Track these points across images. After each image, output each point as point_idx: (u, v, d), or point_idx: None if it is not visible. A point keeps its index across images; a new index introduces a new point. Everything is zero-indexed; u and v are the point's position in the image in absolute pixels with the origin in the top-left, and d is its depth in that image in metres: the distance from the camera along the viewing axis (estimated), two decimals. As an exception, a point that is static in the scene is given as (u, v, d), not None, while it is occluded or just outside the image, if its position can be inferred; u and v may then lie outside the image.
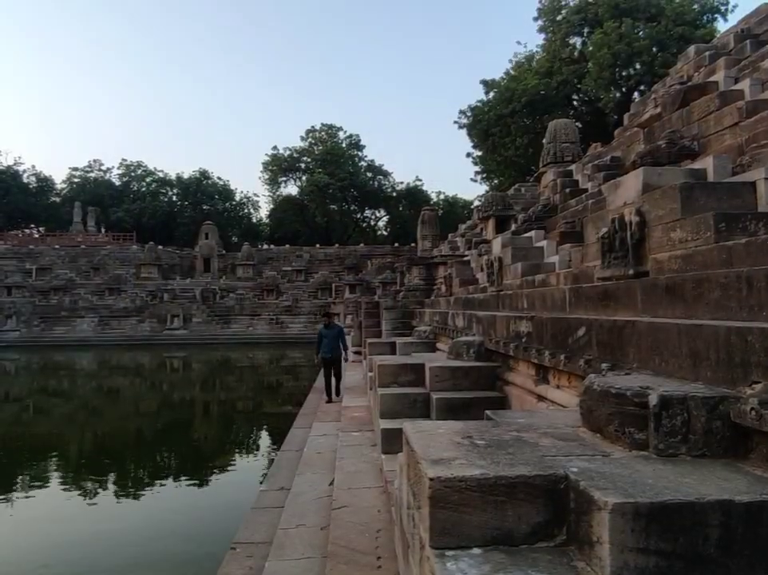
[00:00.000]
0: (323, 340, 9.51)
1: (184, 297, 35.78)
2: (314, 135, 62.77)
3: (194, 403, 15.84)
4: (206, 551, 5.62)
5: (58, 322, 33.81)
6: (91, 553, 5.53)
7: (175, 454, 10.38)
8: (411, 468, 2.60)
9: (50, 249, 41.75)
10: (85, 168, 68.29)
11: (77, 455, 10.40)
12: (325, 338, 9.52)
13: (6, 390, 18.06)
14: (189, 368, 23.96)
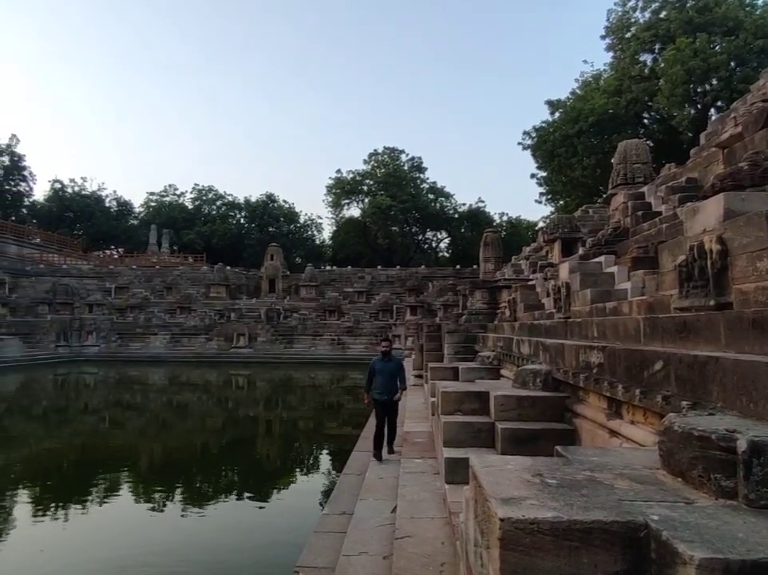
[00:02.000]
0: (376, 376, 7.38)
1: (250, 317, 36.89)
2: (376, 158, 63.84)
3: (257, 421, 16.19)
4: (267, 572, 5.68)
5: (134, 338, 35.64)
6: (152, 568, 5.70)
7: (238, 470, 10.61)
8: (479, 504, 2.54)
9: (128, 269, 44.24)
10: (160, 192, 72.38)
11: (146, 468, 10.82)
12: (379, 373, 7.36)
13: (86, 403, 19.14)
14: (253, 386, 24.58)
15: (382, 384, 7.29)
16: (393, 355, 7.66)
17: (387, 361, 7.44)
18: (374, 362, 7.58)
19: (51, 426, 14.84)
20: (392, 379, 7.38)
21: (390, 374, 7.36)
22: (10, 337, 30.65)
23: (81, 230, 65.59)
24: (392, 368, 7.43)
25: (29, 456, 11.62)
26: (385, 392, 7.28)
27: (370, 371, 7.47)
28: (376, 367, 7.41)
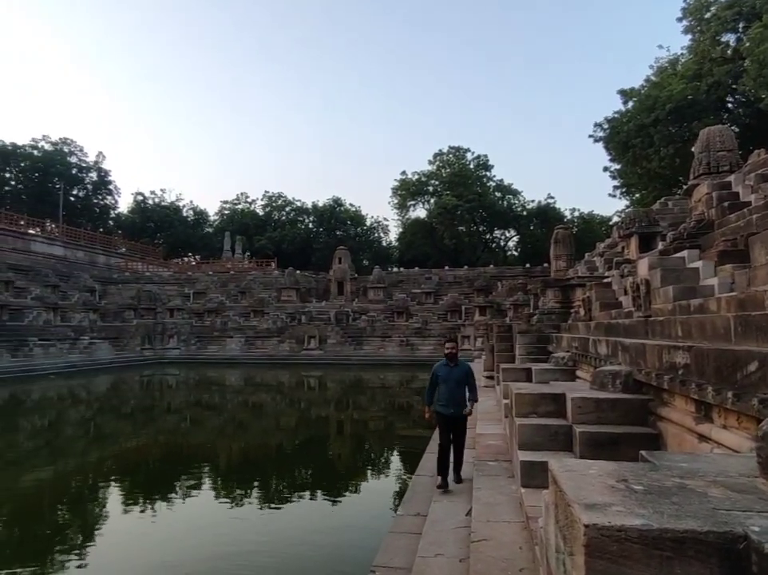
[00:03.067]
0: (440, 385, 6.19)
1: (320, 319, 37.68)
2: (441, 158, 63.53)
3: (329, 421, 16.50)
4: (344, 570, 5.78)
5: (211, 341, 37.28)
6: (229, 563, 5.92)
7: (311, 469, 10.85)
8: (560, 509, 2.48)
9: (205, 275, 46.33)
10: (233, 200, 75.43)
11: (224, 466, 11.27)
12: (444, 382, 6.15)
13: (169, 402, 20.22)
14: (325, 387, 25.08)
15: (446, 394, 6.08)
16: (459, 360, 6.38)
17: (453, 366, 6.18)
18: (436, 367, 6.32)
19: (138, 424, 15.77)
20: (459, 389, 6.15)
21: (457, 382, 6.12)
22: (101, 341, 32.87)
23: (161, 239, 69.39)
24: (459, 375, 6.17)
25: (119, 452, 12.41)
26: (451, 404, 6.06)
27: (432, 379, 6.25)
28: (439, 374, 6.19)
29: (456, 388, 6.12)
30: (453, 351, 6.25)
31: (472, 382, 6.38)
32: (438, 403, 6.17)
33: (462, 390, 6.20)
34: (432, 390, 6.29)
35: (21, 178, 58.79)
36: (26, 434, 14.09)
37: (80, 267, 45.17)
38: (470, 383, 6.35)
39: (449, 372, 6.16)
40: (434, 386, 6.24)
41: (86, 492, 9.47)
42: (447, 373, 6.16)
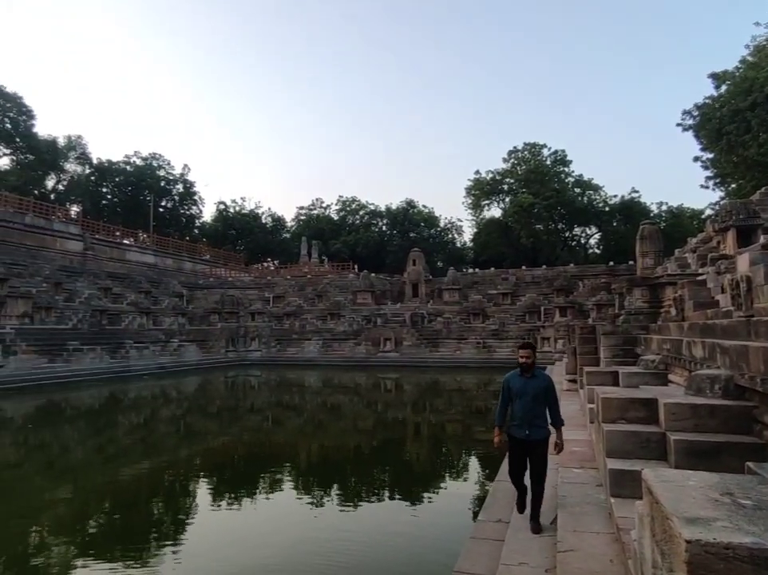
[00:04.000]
0: (513, 401, 5.01)
1: (395, 321, 37.87)
2: (516, 155, 62.13)
3: (406, 423, 16.52)
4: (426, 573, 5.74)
5: (290, 343, 38.42)
6: (310, 562, 6.03)
7: (389, 471, 10.88)
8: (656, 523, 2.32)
9: (283, 280, 47.83)
10: (309, 206, 77.53)
11: (304, 465, 11.54)
12: (518, 396, 4.96)
13: (252, 403, 21.00)
14: (401, 389, 25.15)
15: (521, 412, 4.92)
16: (538, 370, 5.15)
17: (529, 377, 4.99)
18: (508, 378, 5.11)
19: (225, 423, 16.50)
20: (537, 406, 4.93)
21: (534, 397, 4.90)
22: (189, 343, 34.72)
23: (242, 245, 72.43)
24: (536, 388, 4.93)
25: (208, 449, 13.02)
26: (526, 425, 4.88)
27: (504, 392, 5.08)
28: (512, 387, 5.01)
29: (533, 405, 4.92)
30: (528, 361, 4.98)
31: (553, 399, 5.05)
32: (511, 423, 5.05)
33: (541, 408, 4.97)
34: (504, 407, 5.11)
35: (116, 192, 63.33)
36: (125, 431, 15.09)
37: (169, 273, 48.03)
38: (551, 400, 5.02)
39: (524, 385, 4.98)
40: (507, 402, 5.09)
41: (178, 486, 10.00)
42: (522, 386, 4.98)
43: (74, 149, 61.34)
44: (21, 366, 23.30)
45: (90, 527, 7.78)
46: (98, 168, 62.06)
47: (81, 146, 61.83)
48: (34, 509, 8.38)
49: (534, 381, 5.00)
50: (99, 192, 62.38)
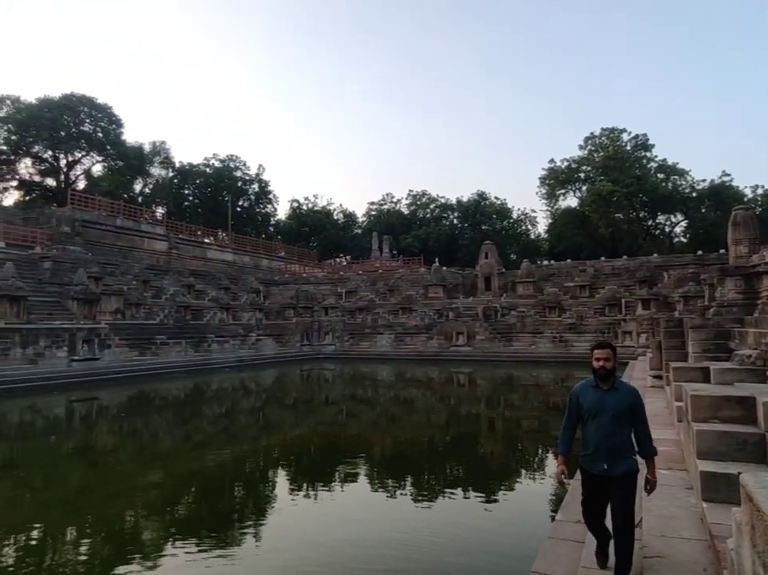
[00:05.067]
0: (587, 421, 3.72)
1: (467, 315, 37.42)
2: (593, 142, 59.59)
3: (480, 418, 16.28)
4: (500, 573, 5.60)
5: (363, 338, 38.88)
6: (380, 557, 6.02)
7: (462, 466, 10.74)
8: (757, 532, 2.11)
9: (355, 275, 48.47)
10: (379, 201, 78.04)
11: (378, 458, 11.61)
12: (592, 414, 3.67)
13: (326, 395, 21.43)
14: (474, 384, 24.83)
15: (597, 438, 3.60)
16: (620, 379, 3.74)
17: (608, 390, 3.63)
18: (577, 391, 3.79)
19: (301, 414, 16.93)
20: (619, 429, 3.58)
21: (615, 417, 3.56)
22: (266, 337, 35.93)
23: (315, 242, 74.07)
24: (618, 406, 3.58)
25: (285, 439, 13.41)
26: (604, 455, 3.57)
27: (571, 410, 3.81)
28: (584, 402, 3.69)
29: (613, 428, 3.56)
30: (607, 366, 3.61)
31: (642, 420, 3.64)
32: (583, 453, 3.73)
33: (624, 432, 3.61)
34: (570, 430, 3.82)
35: (196, 193, 66.53)
36: (209, 420, 15.83)
37: (247, 270, 49.92)
38: (639, 422, 3.63)
39: (600, 400, 3.61)
40: (574, 423, 3.81)
41: (258, 475, 10.37)
42: (598, 401, 3.62)
43: (159, 154, 65.00)
44: (114, 358, 24.99)
45: (177, 510, 8.21)
46: (180, 171, 65.43)
47: (164, 151, 65.45)
48: (128, 491, 8.95)
49: (615, 395, 3.61)
50: (181, 193, 65.78)
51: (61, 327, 23.93)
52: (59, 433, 14.24)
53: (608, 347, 3.71)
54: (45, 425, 15.29)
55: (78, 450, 12.19)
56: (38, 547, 6.72)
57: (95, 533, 7.21)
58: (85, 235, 36.95)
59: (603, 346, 3.75)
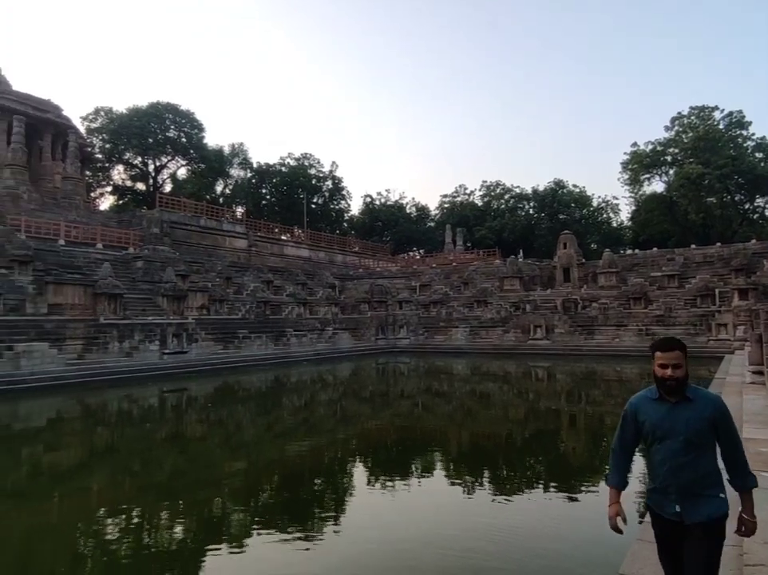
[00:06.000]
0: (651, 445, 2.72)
1: (546, 308, 36.33)
2: (681, 122, 55.96)
3: (560, 414, 15.76)
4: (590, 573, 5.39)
5: (437, 331, 38.72)
6: (462, 551, 5.93)
7: (541, 462, 10.44)
8: None
9: (428, 268, 48.33)
10: (452, 194, 77.34)
11: (455, 452, 11.50)
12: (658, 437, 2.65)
13: (402, 388, 21.52)
14: (554, 378, 24.09)
15: (665, 469, 2.67)
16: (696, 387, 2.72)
17: (677, 402, 2.66)
18: (636, 405, 2.83)
19: (378, 407, 17.11)
20: (698, 456, 2.61)
21: (689, 441, 2.60)
22: (342, 331, 36.59)
23: (388, 236, 74.51)
24: (695, 423, 2.61)
25: (362, 431, 13.59)
26: (676, 493, 2.64)
27: (625, 430, 2.87)
28: (646, 420, 2.74)
29: (687, 454, 2.61)
30: (676, 376, 2.63)
31: (731, 439, 2.66)
32: (649, 489, 2.86)
33: (706, 459, 2.62)
34: (625, 453, 2.90)
35: (273, 192, 68.74)
36: (289, 411, 16.34)
37: (322, 266, 51.05)
38: (727, 442, 2.66)
39: (667, 417, 2.66)
40: (630, 447, 2.89)
41: (336, 466, 10.56)
42: (664, 419, 2.67)
43: (237, 156, 67.70)
44: (201, 352, 26.33)
45: (260, 497, 8.52)
46: (258, 171, 67.83)
47: (242, 152, 68.07)
48: (215, 478, 9.40)
49: (689, 409, 2.62)
50: (259, 193, 68.20)
51: (153, 322, 25.51)
52: (153, 421, 15.20)
53: (678, 348, 2.68)
54: (141, 413, 16.36)
55: (170, 438, 12.95)
56: (137, 526, 7.19)
57: (186, 515, 7.63)
58: (172, 235, 39.13)
59: (670, 346, 2.71)
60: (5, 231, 27.30)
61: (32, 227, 30.37)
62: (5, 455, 11.17)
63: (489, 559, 5.63)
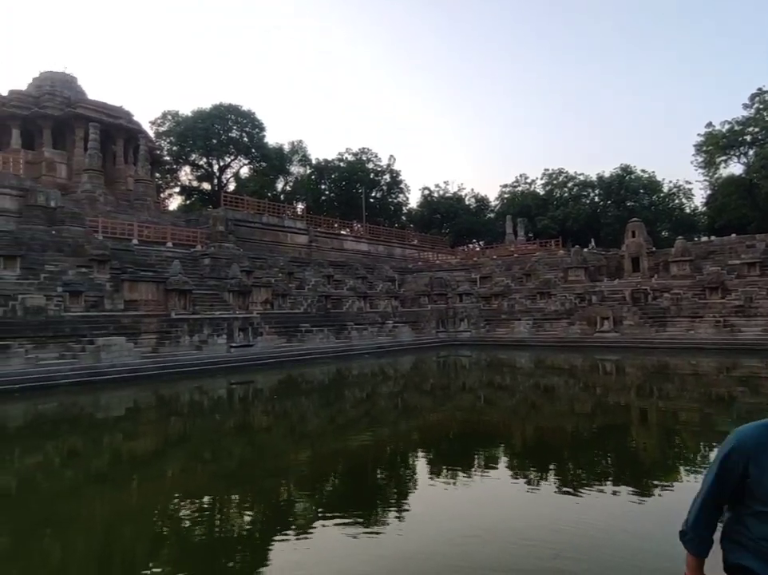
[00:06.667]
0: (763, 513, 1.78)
1: (613, 299, 34.95)
2: (761, 99, 52.28)
3: (629, 408, 15.10)
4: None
5: (499, 324, 38.04)
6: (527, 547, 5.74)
7: (609, 460, 10.02)
8: None
9: (489, 260, 47.55)
10: (512, 183, 75.71)
11: (519, 447, 11.22)
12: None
13: (464, 382, 21.28)
14: (622, 372, 23.15)
15: None
16: None
17: None
18: (749, 443, 1.87)
19: (439, 400, 16.98)
20: None
21: None
22: (402, 324, 36.59)
23: (447, 228, 73.87)
24: None
25: (425, 424, 13.52)
26: None
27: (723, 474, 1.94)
28: (763, 478, 1.82)
29: None
30: None
31: None
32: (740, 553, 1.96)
33: None
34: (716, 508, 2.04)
35: (332, 187, 69.55)
36: (352, 403, 16.49)
37: (381, 259, 51.23)
38: None
39: None
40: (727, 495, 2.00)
41: (398, 458, 10.55)
42: None
43: (297, 153, 68.94)
44: (265, 345, 27.02)
45: (324, 486, 8.61)
46: (317, 167, 68.80)
47: (302, 150, 69.25)
48: (281, 467, 9.60)
49: None
50: (318, 189, 69.17)
51: (221, 316, 26.40)
52: (222, 412, 15.72)
53: None
54: (211, 404, 16.97)
55: (238, 427, 13.34)
56: (209, 510, 7.47)
57: (254, 501, 7.85)
58: (237, 232, 40.34)
59: None
60: (84, 232, 28.99)
61: (108, 228, 32.12)
62: (92, 442, 11.86)
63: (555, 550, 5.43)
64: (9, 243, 23.47)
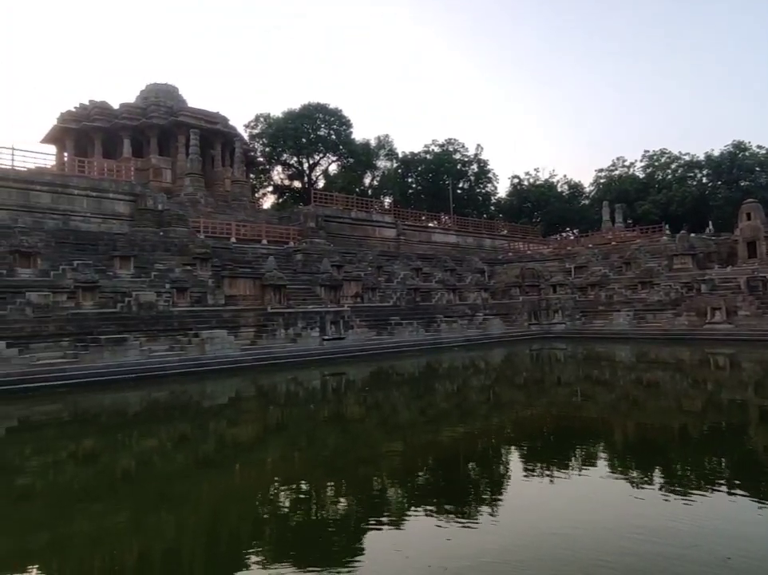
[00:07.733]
0: None
1: (726, 287, 32.21)
2: None
3: (746, 406, 13.82)
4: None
5: (596, 315, 36.29)
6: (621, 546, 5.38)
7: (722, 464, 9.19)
8: None
9: (584, 249, 45.48)
10: (609, 167, 71.81)
11: (620, 445, 10.61)
12: None
13: (559, 376, 20.50)
14: (737, 367, 21.29)
15: None
16: None
17: None
18: None
19: (533, 394, 16.47)
20: None
21: None
22: (492, 317, 35.89)
23: (538, 217, 71.53)
24: None
25: (519, 418, 13.16)
26: None
27: None
28: None
29: None
30: None
31: None
32: None
33: None
34: None
35: (419, 180, 69.52)
36: (442, 396, 16.38)
37: (470, 251, 50.54)
38: None
39: None
40: None
41: (490, 452, 10.34)
42: None
43: (383, 148, 69.47)
44: (356, 338, 27.53)
45: (416, 477, 8.61)
46: (403, 161, 69.02)
47: (388, 144, 69.69)
48: (373, 457, 9.72)
49: None
50: (405, 182, 69.39)
51: (314, 310, 27.23)
52: (317, 402, 16.21)
53: None
54: (306, 395, 17.55)
55: (332, 417, 13.68)
56: (306, 495, 7.74)
57: (348, 489, 8.01)
58: (327, 228, 41.41)
59: None
60: (188, 232, 30.99)
61: (209, 227, 34.16)
62: (199, 428, 12.66)
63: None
64: (124, 245, 25.62)
